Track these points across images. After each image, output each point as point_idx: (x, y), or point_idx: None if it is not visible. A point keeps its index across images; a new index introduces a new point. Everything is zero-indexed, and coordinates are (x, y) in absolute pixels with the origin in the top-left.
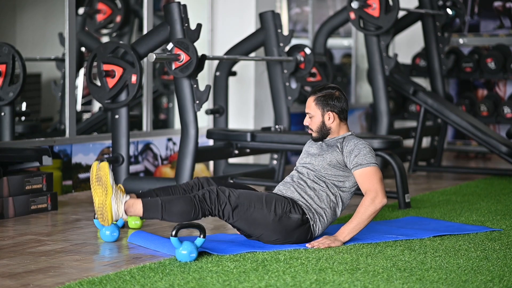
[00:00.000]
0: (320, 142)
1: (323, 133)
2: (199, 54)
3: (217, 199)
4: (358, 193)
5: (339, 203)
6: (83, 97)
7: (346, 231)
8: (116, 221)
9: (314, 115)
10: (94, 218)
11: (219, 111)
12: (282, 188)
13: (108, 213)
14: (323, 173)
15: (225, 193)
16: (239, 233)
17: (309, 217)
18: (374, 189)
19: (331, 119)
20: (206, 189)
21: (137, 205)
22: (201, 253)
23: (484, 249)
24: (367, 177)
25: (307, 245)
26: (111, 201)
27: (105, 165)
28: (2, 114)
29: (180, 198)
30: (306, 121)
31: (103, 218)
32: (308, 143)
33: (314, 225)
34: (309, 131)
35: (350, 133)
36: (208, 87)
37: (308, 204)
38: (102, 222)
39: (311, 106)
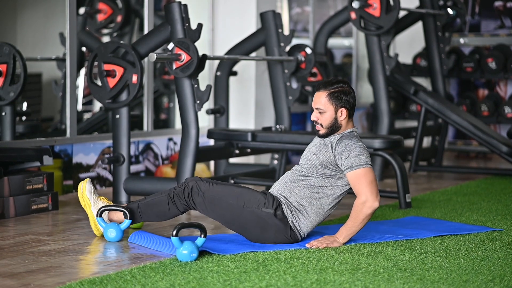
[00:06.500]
0: (322, 140)
1: (333, 129)
2: (200, 54)
3: (191, 192)
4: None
5: (324, 201)
6: (84, 97)
7: (344, 233)
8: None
9: (326, 110)
10: (97, 217)
11: (220, 111)
12: (275, 184)
13: (94, 222)
14: (309, 171)
15: (201, 185)
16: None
17: (285, 213)
18: (363, 193)
19: (343, 115)
20: (183, 183)
21: (118, 212)
22: (202, 252)
23: (485, 249)
24: (357, 180)
25: (306, 245)
26: (91, 212)
27: (80, 185)
28: (3, 114)
29: (155, 199)
30: (315, 116)
31: (96, 230)
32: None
33: (295, 222)
34: (318, 127)
35: (351, 129)
36: (208, 87)
37: (288, 202)
38: (96, 232)
39: (323, 102)
